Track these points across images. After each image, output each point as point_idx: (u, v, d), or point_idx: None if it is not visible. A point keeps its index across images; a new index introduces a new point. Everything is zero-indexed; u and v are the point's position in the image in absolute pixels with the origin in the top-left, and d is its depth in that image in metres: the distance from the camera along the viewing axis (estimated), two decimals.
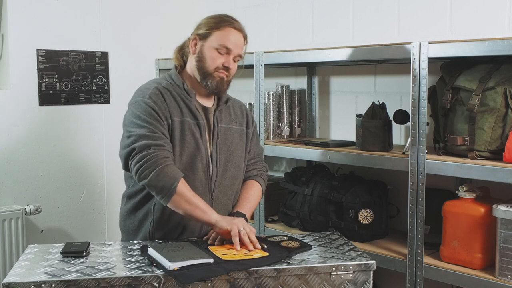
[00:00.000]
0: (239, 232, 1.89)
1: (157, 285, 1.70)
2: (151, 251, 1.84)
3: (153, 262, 1.78)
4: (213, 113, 2.13)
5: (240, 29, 2.10)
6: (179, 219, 2.04)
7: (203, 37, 2.07)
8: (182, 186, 1.94)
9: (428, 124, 2.30)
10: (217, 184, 2.09)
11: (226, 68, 2.06)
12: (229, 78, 2.10)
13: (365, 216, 2.60)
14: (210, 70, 2.06)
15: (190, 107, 2.07)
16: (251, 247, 1.88)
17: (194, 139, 2.04)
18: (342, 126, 3.13)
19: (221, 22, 2.08)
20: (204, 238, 2.03)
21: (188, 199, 1.94)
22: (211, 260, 1.77)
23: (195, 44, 2.10)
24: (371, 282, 1.87)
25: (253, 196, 2.20)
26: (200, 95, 2.13)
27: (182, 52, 2.18)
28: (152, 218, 2.06)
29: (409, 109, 2.34)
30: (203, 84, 2.08)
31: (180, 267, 1.71)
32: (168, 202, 1.94)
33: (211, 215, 1.95)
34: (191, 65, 2.12)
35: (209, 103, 2.15)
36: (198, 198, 1.96)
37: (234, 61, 2.09)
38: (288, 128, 3.19)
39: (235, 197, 2.17)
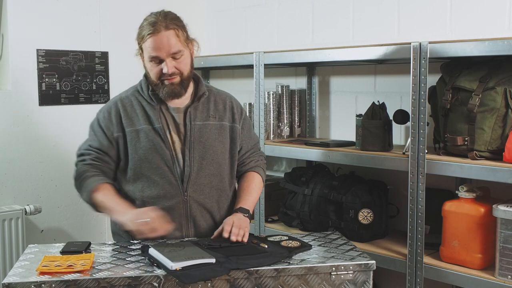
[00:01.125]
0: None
1: (157, 285, 1.70)
2: (152, 251, 1.84)
3: (154, 262, 1.79)
4: (183, 113, 2.12)
5: (162, 27, 2.00)
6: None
7: (141, 51, 2.11)
8: (97, 195, 2.02)
9: (428, 124, 2.30)
10: (191, 183, 2.07)
11: (166, 74, 2.03)
12: (184, 76, 2.07)
13: (365, 216, 2.60)
14: (155, 81, 2.08)
15: (149, 113, 2.09)
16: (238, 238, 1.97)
17: (153, 145, 2.05)
18: (342, 126, 3.13)
19: (141, 33, 2.06)
20: (212, 237, 2.04)
21: (103, 206, 2.03)
22: (213, 260, 1.77)
23: (143, 58, 2.12)
24: (371, 282, 1.87)
25: (254, 188, 2.21)
26: None
27: None
28: None
29: (409, 109, 2.33)
30: (159, 94, 2.09)
31: (182, 267, 1.72)
32: (96, 210, 2.07)
33: (120, 216, 1.97)
34: None
35: (182, 102, 2.13)
36: (113, 201, 2.01)
37: (177, 59, 2.03)
38: (288, 128, 3.19)
39: (219, 194, 2.15)
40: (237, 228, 1.99)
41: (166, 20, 2.03)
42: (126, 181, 2.11)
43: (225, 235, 1.97)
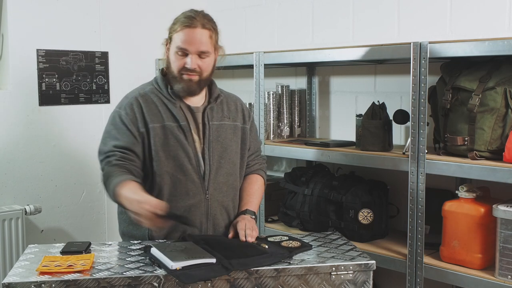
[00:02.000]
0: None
1: (157, 285, 1.70)
2: (154, 251, 1.84)
3: (155, 262, 1.79)
4: (201, 112, 2.13)
5: (199, 25, 2.03)
6: (175, 223, 2.04)
7: (170, 40, 2.09)
8: (121, 191, 1.87)
9: (428, 124, 2.30)
10: (211, 182, 2.09)
11: (188, 69, 2.04)
12: (202, 76, 2.07)
13: (365, 216, 2.60)
14: (175, 73, 2.07)
15: (172, 111, 2.08)
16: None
17: (178, 142, 2.05)
18: (342, 126, 3.13)
19: (177, 23, 2.06)
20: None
21: (124, 200, 1.87)
22: (213, 260, 1.77)
23: (168, 49, 2.11)
24: (371, 282, 1.87)
25: (257, 190, 2.24)
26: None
27: None
28: None
29: (409, 109, 2.33)
30: (174, 88, 2.09)
31: (183, 267, 1.72)
32: (125, 208, 1.93)
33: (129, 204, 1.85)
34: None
35: (198, 102, 2.15)
36: (133, 193, 1.87)
37: (202, 58, 2.05)
38: (288, 128, 3.19)
39: (234, 193, 2.18)
40: (250, 230, 2.02)
41: (204, 19, 2.07)
42: (150, 177, 2.06)
43: (242, 239, 1.99)
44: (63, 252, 1.90)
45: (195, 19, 2.04)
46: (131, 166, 2.00)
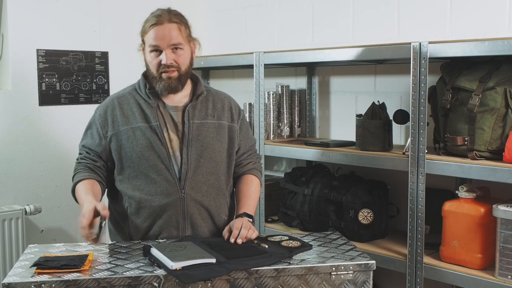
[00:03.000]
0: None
1: (157, 285, 1.70)
2: (153, 251, 1.84)
3: (154, 262, 1.79)
4: (181, 111, 2.14)
5: (165, 20, 2.06)
6: (152, 220, 2.07)
7: (143, 44, 2.15)
8: (78, 188, 2.05)
9: (428, 124, 2.30)
10: (188, 181, 2.08)
11: (166, 66, 2.06)
12: (181, 71, 2.09)
13: (365, 216, 2.60)
14: (154, 74, 2.10)
15: (145, 111, 2.11)
16: (239, 240, 1.98)
17: (150, 142, 2.07)
18: (342, 126, 3.13)
19: (145, 25, 2.11)
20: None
21: (78, 198, 2.05)
22: (213, 260, 1.77)
23: (144, 52, 2.16)
24: (371, 282, 1.87)
25: (254, 192, 2.22)
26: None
27: None
28: (128, 220, 2.11)
29: (409, 109, 2.34)
30: (156, 88, 2.11)
31: (183, 267, 1.72)
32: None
33: (84, 207, 1.93)
34: None
35: (180, 100, 2.15)
36: (82, 195, 2.01)
37: (176, 52, 2.07)
38: (288, 128, 3.19)
39: (217, 193, 2.15)
40: (246, 229, 2.01)
41: (170, 14, 2.09)
42: (124, 179, 2.11)
43: (232, 240, 1.99)
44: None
45: (161, 16, 2.08)
46: (93, 166, 2.12)
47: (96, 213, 1.87)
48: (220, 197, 2.16)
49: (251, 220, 2.12)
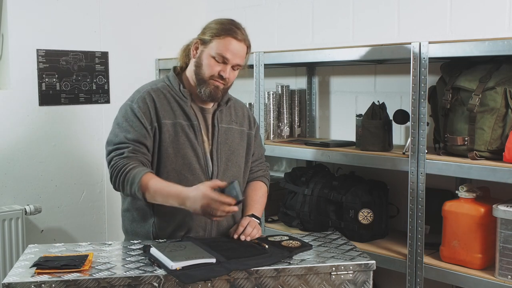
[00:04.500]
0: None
1: (157, 285, 1.70)
2: (153, 251, 1.84)
3: (154, 262, 1.79)
4: (212, 114, 2.15)
5: (243, 39, 2.07)
6: (181, 220, 2.05)
7: (204, 42, 2.07)
8: (147, 181, 1.91)
9: (428, 124, 2.30)
10: None
11: (221, 77, 2.06)
12: (226, 86, 2.11)
13: (365, 216, 2.60)
14: (205, 77, 2.07)
15: (184, 109, 2.09)
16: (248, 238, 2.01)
17: (188, 140, 2.06)
18: (342, 126, 3.13)
19: (223, 30, 2.05)
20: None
21: (162, 193, 1.92)
22: (213, 260, 1.77)
23: (196, 48, 2.10)
24: (371, 282, 1.87)
25: (261, 198, 2.25)
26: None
27: (187, 52, 2.18)
28: (153, 219, 2.07)
29: (409, 109, 2.33)
30: (197, 90, 2.10)
31: (183, 267, 1.72)
32: (145, 201, 1.96)
33: (184, 201, 1.89)
34: (190, 69, 2.13)
35: (208, 104, 2.16)
36: (169, 186, 1.93)
37: (234, 70, 2.09)
38: (288, 128, 3.19)
39: None
40: (251, 227, 2.05)
41: (246, 35, 2.11)
42: (157, 174, 2.05)
43: (235, 236, 2.02)
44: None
45: (241, 32, 2.08)
46: (143, 159, 2.00)
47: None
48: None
49: (258, 221, 2.14)
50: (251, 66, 2.98)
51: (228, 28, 2.05)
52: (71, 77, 3.24)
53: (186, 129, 2.06)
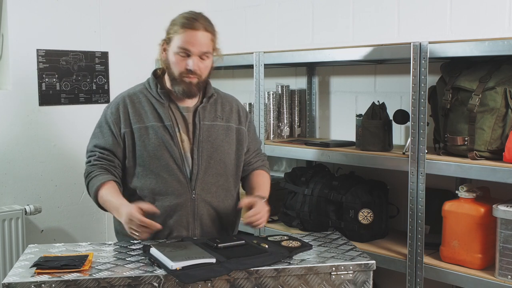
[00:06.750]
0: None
1: (157, 285, 1.70)
2: (153, 251, 1.84)
3: (154, 262, 1.79)
4: (192, 112, 2.14)
5: (201, 27, 2.05)
6: (162, 220, 2.05)
7: (168, 42, 2.10)
8: (101, 191, 2.03)
9: (428, 124, 2.30)
10: (199, 182, 2.09)
11: (191, 71, 2.05)
12: (201, 79, 2.09)
13: (365, 216, 2.60)
14: (176, 75, 2.08)
15: (158, 111, 2.10)
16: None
17: (163, 142, 2.07)
18: (342, 126, 3.13)
19: (178, 25, 2.07)
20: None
21: (105, 204, 2.04)
22: (213, 260, 1.77)
23: (164, 50, 2.13)
24: (371, 282, 1.87)
25: (265, 182, 2.27)
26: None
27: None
28: None
29: (409, 109, 2.34)
30: (172, 89, 2.11)
31: (183, 267, 1.72)
32: (104, 211, 2.11)
33: (118, 215, 1.97)
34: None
35: (191, 102, 2.16)
36: (112, 199, 2.01)
37: (203, 59, 2.07)
38: (288, 128, 3.19)
39: (226, 195, 2.17)
40: (260, 215, 2.05)
41: (206, 22, 2.10)
42: (135, 177, 2.10)
43: (245, 222, 2.04)
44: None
45: (197, 21, 2.06)
46: (109, 167, 2.09)
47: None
48: (228, 198, 2.18)
49: (264, 200, 2.13)
50: (251, 66, 2.98)
51: (183, 22, 2.06)
52: (71, 77, 3.24)
53: (160, 130, 2.07)
